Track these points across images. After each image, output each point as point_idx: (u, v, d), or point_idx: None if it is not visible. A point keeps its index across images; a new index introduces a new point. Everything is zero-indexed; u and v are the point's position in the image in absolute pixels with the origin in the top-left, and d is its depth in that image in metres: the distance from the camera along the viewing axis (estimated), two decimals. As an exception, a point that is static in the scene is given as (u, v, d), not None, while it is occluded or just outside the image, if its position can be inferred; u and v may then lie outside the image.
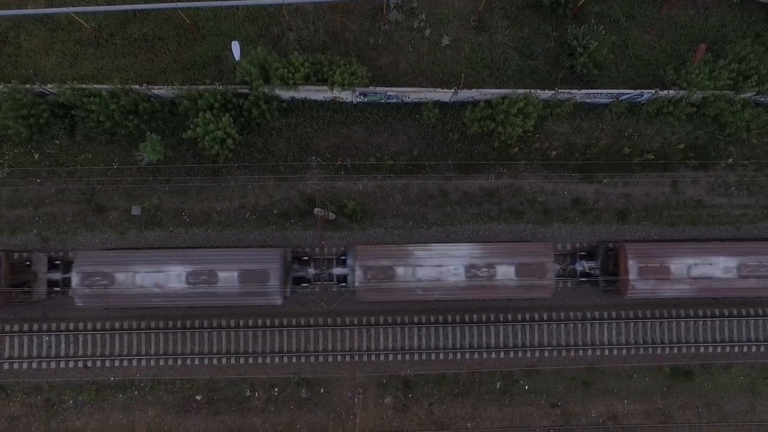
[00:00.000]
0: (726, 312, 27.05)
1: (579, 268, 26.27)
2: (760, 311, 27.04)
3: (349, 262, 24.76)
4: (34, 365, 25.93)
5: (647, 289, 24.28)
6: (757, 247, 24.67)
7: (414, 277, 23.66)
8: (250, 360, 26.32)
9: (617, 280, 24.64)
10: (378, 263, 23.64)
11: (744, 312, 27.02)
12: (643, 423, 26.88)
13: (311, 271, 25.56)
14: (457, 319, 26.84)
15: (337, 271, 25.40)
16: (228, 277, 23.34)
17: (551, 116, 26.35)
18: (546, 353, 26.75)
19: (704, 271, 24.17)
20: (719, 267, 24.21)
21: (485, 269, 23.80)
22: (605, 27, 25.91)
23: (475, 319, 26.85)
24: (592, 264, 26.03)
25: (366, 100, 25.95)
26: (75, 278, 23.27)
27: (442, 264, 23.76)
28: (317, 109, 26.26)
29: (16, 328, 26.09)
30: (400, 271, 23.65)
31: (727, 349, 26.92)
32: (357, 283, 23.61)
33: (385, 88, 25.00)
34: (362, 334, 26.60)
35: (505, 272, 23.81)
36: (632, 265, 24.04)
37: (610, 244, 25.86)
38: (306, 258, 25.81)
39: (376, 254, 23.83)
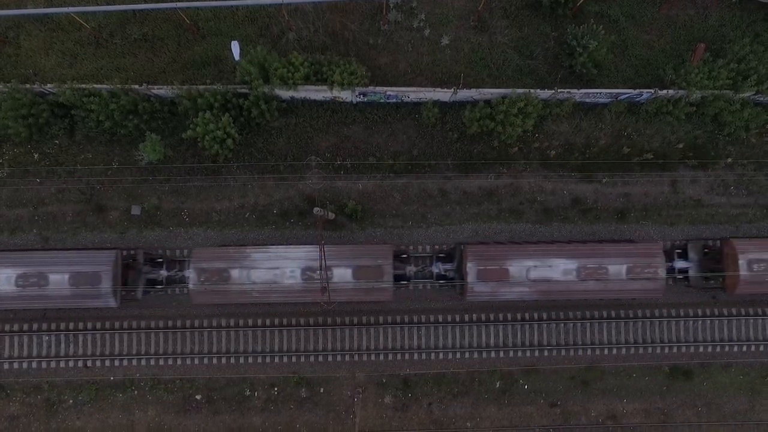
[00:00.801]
0: (725, 311, 27.10)
1: (435, 270, 26.13)
2: (759, 311, 27.09)
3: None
4: (34, 365, 25.96)
5: (487, 292, 24.16)
6: (598, 249, 24.54)
7: (249, 279, 23.57)
8: (250, 359, 26.35)
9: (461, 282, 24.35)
10: (212, 265, 23.57)
11: (743, 311, 27.07)
12: (642, 422, 26.92)
13: (163, 273, 25.51)
14: (457, 319, 26.88)
15: (188, 273, 24.86)
16: (59, 280, 23.42)
17: (551, 116, 26.38)
18: (545, 353, 26.79)
19: (543, 274, 23.99)
20: (559, 269, 23.98)
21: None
22: (605, 27, 25.94)
23: (474, 319, 26.88)
24: (447, 266, 25.95)
25: (365, 99, 25.97)
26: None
27: (279, 266, 23.68)
28: (317, 109, 26.29)
29: (16, 327, 26.11)
30: (235, 273, 23.55)
31: (727, 349, 26.97)
32: (191, 286, 23.59)
33: (385, 88, 25.03)
34: (362, 333, 26.63)
35: (342, 275, 23.69)
36: (471, 268, 23.85)
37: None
38: (160, 260, 25.73)
39: (212, 256, 23.76)
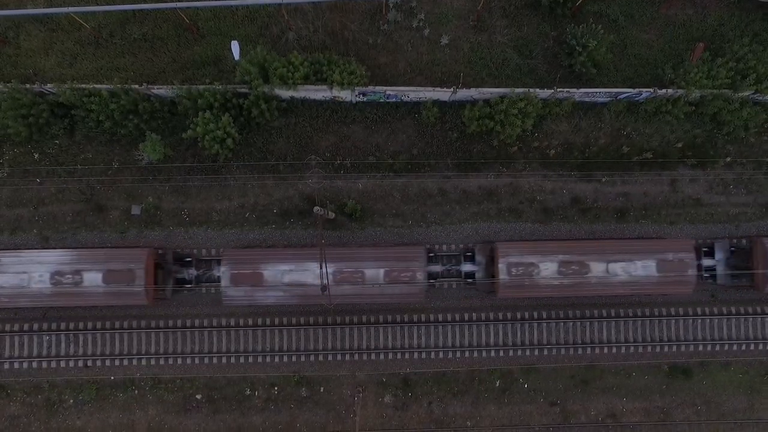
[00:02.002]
0: (725, 310, 27.16)
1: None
2: (759, 309, 27.14)
3: None
4: (35, 365, 25.99)
5: (240, 296, 24.43)
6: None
7: None
8: (250, 359, 26.38)
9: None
10: None
11: (742, 310, 27.12)
12: (642, 421, 26.97)
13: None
14: (457, 318, 26.92)
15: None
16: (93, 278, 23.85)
17: (550, 115, 26.42)
18: (545, 351, 26.83)
19: (296, 278, 24.19)
20: (312, 273, 24.08)
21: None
22: (604, 26, 25.98)
23: (474, 318, 26.92)
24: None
25: (365, 99, 26.01)
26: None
27: (27, 271, 23.81)
28: (317, 109, 26.32)
29: (16, 327, 26.13)
30: None
31: (726, 347, 27.02)
32: None
33: (385, 88, 25.06)
34: (362, 332, 26.67)
35: (93, 279, 23.85)
36: (224, 273, 24.23)
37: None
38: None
39: None
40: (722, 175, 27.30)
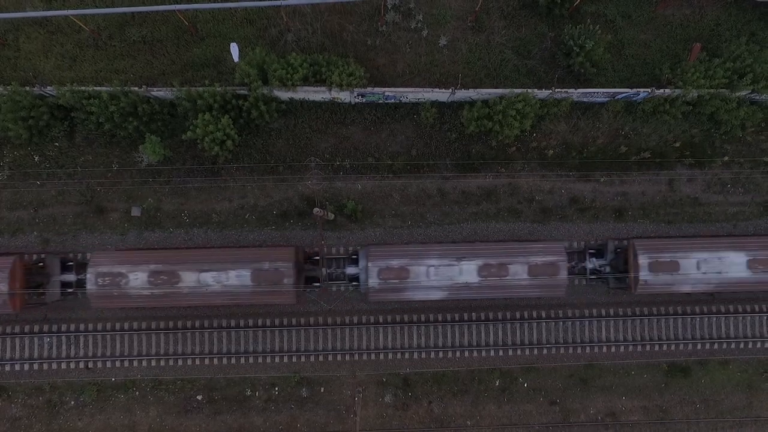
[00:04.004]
0: (723, 309, 27.27)
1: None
2: (756, 308, 27.26)
3: None
4: (36, 366, 26.04)
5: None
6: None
7: None
8: (251, 359, 26.46)
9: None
10: None
11: (740, 308, 27.25)
12: (641, 419, 27.08)
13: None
14: (456, 318, 27.02)
15: None
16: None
17: (548, 115, 26.51)
18: (544, 351, 26.94)
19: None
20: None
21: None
22: (601, 26, 26.10)
23: (473, 318, 27.02)
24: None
25: (364, 100, 26.09)
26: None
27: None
28: (316, 110, 26.40)
29: (17, 329, 26.19)
30: None
31: (724, 346, 27.14)
32: None
33: (383, 89, 25.15)
34: (362, 333, 26.76)
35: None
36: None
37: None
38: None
39: None
40: (720, 174, 27.42)
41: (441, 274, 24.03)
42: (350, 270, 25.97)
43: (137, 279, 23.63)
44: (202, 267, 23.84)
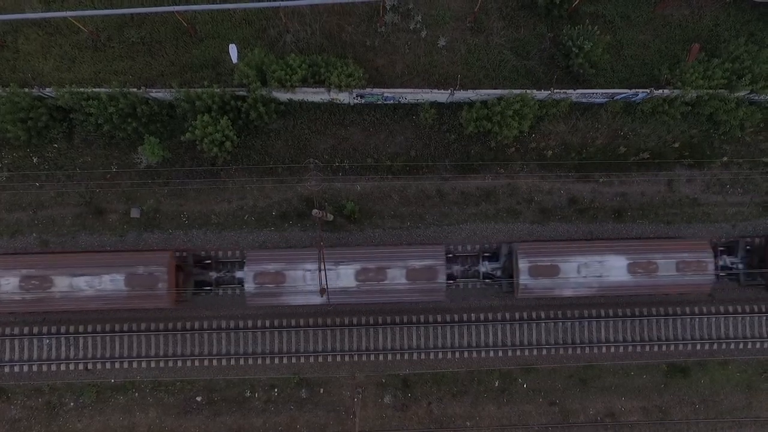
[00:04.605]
0: (722, 309, 27.28)
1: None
2: (755, 308, 27.27)
3: None
4: (35, 368, 26.03)
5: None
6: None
7: None
8: (250, 361, 26.46)
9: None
10: None
11: (740, 309, 27.26)
12: (640, 420, 27.09)
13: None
14: (455, 319, 27.01)
15: None
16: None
17: (547, 116, 26.52)
18: (544, 351, 26.94)
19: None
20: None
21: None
22: (600, 27, 26.10)
23: (473, 318, 27.02)
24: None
25: (363, 101, 26.09)
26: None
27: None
28: (315, 111, 26.40)
29: (16, 330, 26.18)
30: None
31: (724, 346, 27.15)
32: None
33: (382, 90, 25.15)
34: (361, 334, 26.75)
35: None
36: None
37: None
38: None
39: None
40: (719, 174, 27.43)
41: (317, 278, 24.00)
42: (238, 274, 25.97)
43: (8, 284, 23.63)
44: (74, 272, 23.79)
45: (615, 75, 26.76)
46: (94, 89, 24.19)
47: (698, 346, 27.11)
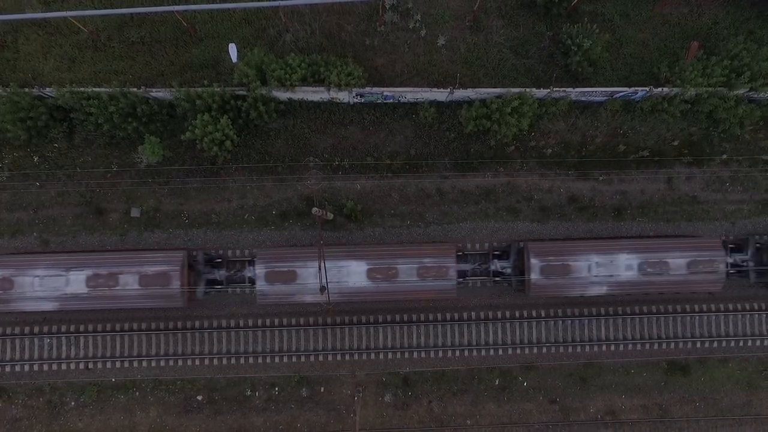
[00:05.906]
0: (722, 307, 27.30)
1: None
2: (756, 306, 27.29)
3: None
4: (36, 367, 26.07)
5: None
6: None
7: None
8: (251, 360, 26.49)
9: None
10: None
11: (740, 306, 27.27)
12: (640, 418, 27.11)
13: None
14: (456, 317, 27.04)
15: None
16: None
17: (547, 115, 26.55)
18: (544, 350, 26.96)
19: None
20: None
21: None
22: (599, 25, 26.14)
23: (473, 317, 27.04)
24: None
25: (363, 100, 26.13)
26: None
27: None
28: (314, 110, 26.44)
29: (17, 330, 26.22)
30: None
31: (724, 344, 27.17)
32: None
33: (382, 89, 25.19)
34: (361, 332, 26.78)
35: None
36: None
37: None
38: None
39: None
40: (718, 172, 27.45)
41: (46, 285, 23.63)
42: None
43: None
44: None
45: (614, 73, 26.79)
46: (94, 89, 24.24)
47: (698, 344, 27.12)
